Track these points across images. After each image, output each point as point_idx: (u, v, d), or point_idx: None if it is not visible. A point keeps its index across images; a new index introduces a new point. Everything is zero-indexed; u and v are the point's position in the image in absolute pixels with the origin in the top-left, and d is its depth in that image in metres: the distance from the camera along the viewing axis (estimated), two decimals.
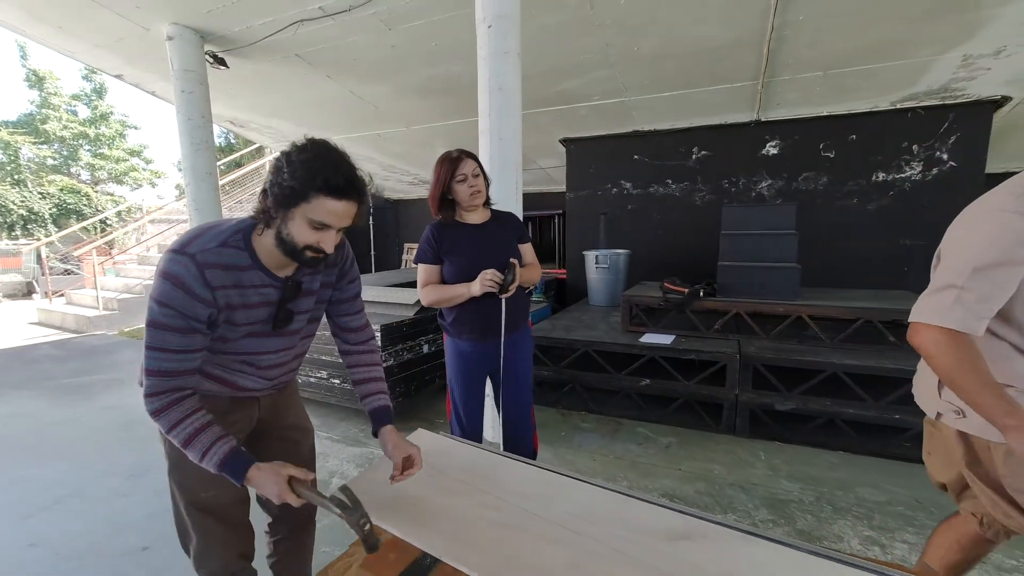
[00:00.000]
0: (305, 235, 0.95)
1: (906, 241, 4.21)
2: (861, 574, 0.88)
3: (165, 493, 2.35)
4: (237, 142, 15.26)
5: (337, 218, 0.94)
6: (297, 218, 0.94)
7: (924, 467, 2.53)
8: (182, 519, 1.16)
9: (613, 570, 0.90)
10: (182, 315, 0.93)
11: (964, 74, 3.66)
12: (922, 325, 1.06)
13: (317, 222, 0.93)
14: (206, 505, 1.12)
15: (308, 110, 5.48)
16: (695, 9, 3.21)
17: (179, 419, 0.96)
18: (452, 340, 1.92)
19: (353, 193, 0.94)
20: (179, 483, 1.13)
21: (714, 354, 2.92)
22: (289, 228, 0.95)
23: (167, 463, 1.13)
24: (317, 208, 0.92)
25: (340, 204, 0.93)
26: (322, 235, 0.95)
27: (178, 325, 0.94)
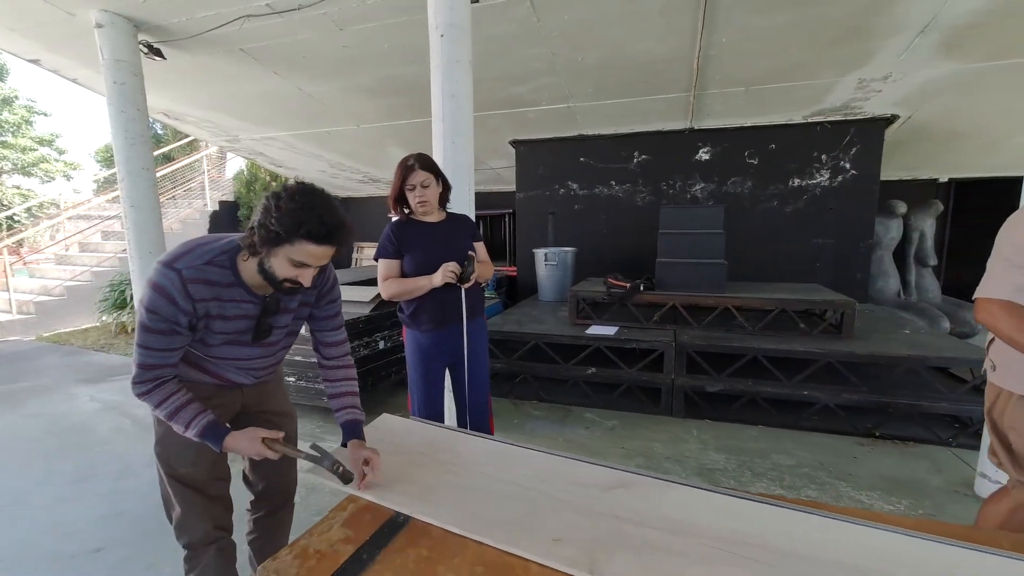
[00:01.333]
0: (285, 270, 1.06)
1: (817, 240, 4.73)
2: (752, 504, 1.10)
3: (113, 496, 2.31)
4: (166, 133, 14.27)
5: (316, 259, 1.06)
6: (280, 256, 1.05)
7: (827, 435, 2.92)
8: (166, 489, 1.25)
9: (561, 515, 1.07)
10: (165, 320, 1.06)
11: (860, 95, 4.18)
12: (983, 300, 1.35)
13: (297, 262, 1.05)
14: (185, 478, 1.23)
15: (252, 105, 5.33)
16: (634, 26, 3.47)
17: (163, 398, 1.10)
18: (412, 332, 2.03)
19: (333, 240, 1.05)
20: (162, 457, 1.23)
21: (653, 343, 3.20)
22: (271, 262, 1.06)
23: (154, 439, 1.23)
24: (298, 251, 1.03)
25: (320, 249, 1.04)
26: (301, 272, 1.07)
27: (161, 328, 1.06)
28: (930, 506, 2.16)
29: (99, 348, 5.40)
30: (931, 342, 3.10)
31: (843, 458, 2.61)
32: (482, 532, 1.00)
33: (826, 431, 2.90)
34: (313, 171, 7.93)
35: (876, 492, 2.27)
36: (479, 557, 0.95)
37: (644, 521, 1.05)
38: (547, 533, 1.01)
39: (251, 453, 1.13)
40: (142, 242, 3.90)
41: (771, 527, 1.03)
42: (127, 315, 5.93)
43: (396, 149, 6.54)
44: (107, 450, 2.87)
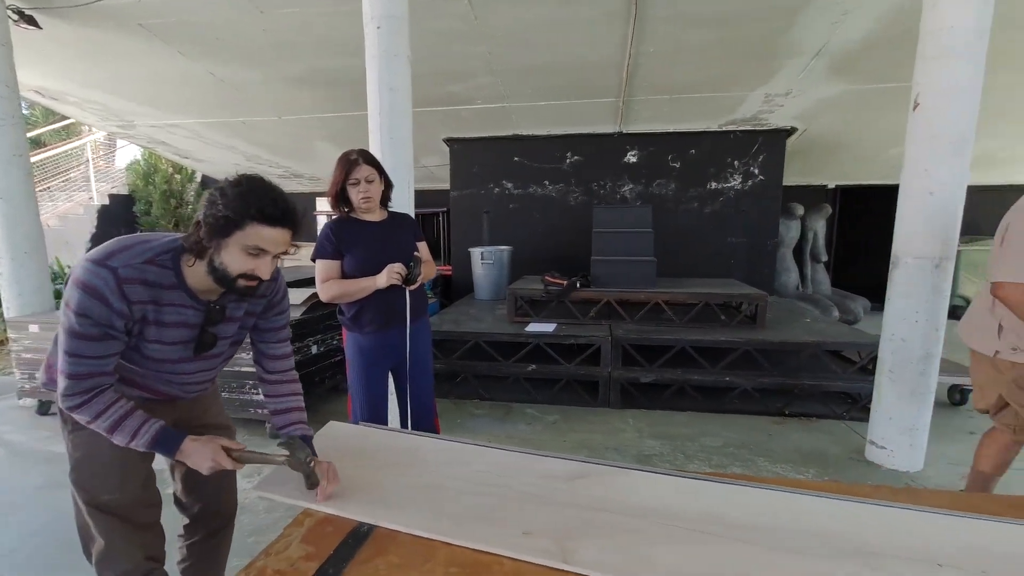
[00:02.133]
0: (239, 263, 0.97)
1: (731, 239, 5.17)
2: (705, 484, 1.18)
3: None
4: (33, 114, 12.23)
5: (272, 245, 0.98)
6: (231, 247, 0.96)
7: (746, 416, 3.18)
8: (84, 522, 1.09)
9: (528, 507, 1.07)
10: (98, 324, 0.93)
11: (766, 108, 4.63)
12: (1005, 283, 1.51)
13: (252, 247, 0.96)
14: (109, 506, 1.08)
15: (153, 88, 4.78)
16: (569, 32, 3.57)
17: (102, 409, 0.97)
18: (353, 335, 1.94)
19: (287, 222, 0.98)
20: (79, 484, 1.07)
21: (590, 338, 3.32)
22: (223, 257, 0.97)
23: (69, 464, 1.08)
24: (252, 235, 0.95)
25: (275, 232, 0.97)
26: (257, 262, 0.98)
27: (94, 333, 0.94)
28: (833, 472, 2.45)
29: None
30: (827, 329, 3.51)
31: (760, 436, 2.88)
32: (451, 533, 0.98)
33: (745, 412, 3.17)
34: (226, 164, 7.30)
35: (789, 464, 2.53)
36: (451, 558, 0.93)
37: (608, 507, 1.09)
38: (516, 527, 1.01)
39: (205, 462, 1.01)
40: (15, 239, 3.37)
41: (725, 503, 1.10)
42: None
43: (323, 144, 6.21)
44: None
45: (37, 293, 3.42)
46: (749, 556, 0.92)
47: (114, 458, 1.06)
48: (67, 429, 1.08)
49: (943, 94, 2.23)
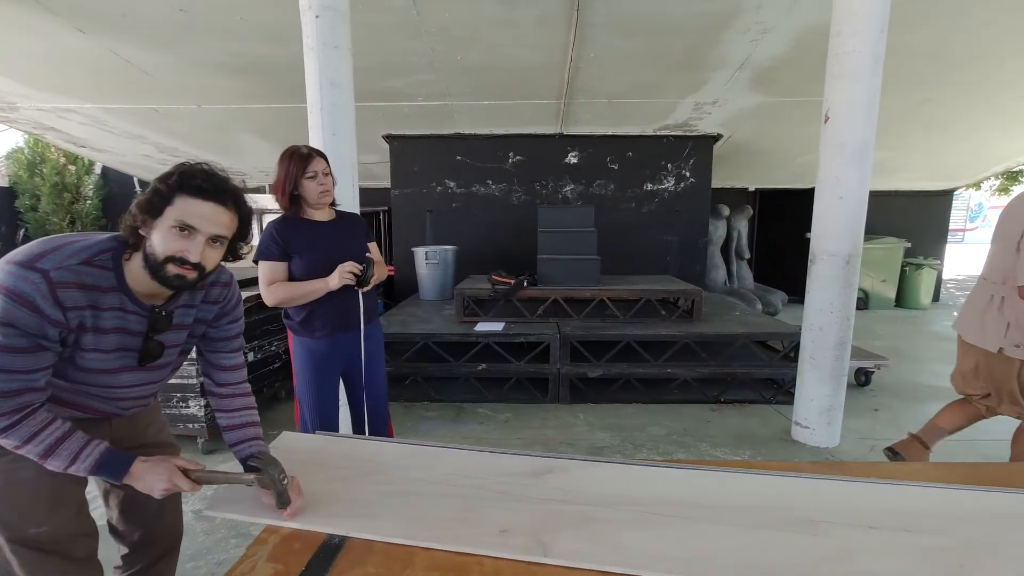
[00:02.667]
0: (168, 243, 0.88)
1: (667, 237, 5.46)
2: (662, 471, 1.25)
3: None
4: None
5: (203, 221, 0.89)
6: (160, 227, 0.88)
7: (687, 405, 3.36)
8: (5, 560, 0.93)
9: (500, 505, 1.08)
10: (27, 335, 0.82)
11: (695, 115, 4.94)
12: None
13: (180, 223, 0.88)
14: (39, 541, 0.94)
15: (39, 65, 4.19)
16: (512, 32, 3.60)
17: (35, 431, 0.85)
18: (302, 340, 1.85)
19: (221, 197, 0.91)
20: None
21: (539, 336, 3.37)
22: (153, 240, 0.88)
23: None
24: (180, 209, 0.88)
25: (206, 205, 0.89)
26: (187, 243, 0.89)
27: (22, 345, 0.82)
28: (765, 452, 2.67)
29: None
30: (754, 320, 3.81)
31: (700, 423, 3.07)
32: (427, 537, 0.96)
33: (685, 402, 3.37)
34: (133, 155, 6.60)
35: (727, 447, 2.73)
36: (431, 563, 0.91)
37: (577, 499, 1.12)
38: (492, 526, 1.01)
39: (159, 485, 0.91)
40: None
41: (680, 487, 1.17)
42: None
43: (248, 136, 5.81)
44: None
45: None
46: (711, 533, 0.99)
47: (41, 485, 0.93)
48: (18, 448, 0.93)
49: (849, 109, 2.50)
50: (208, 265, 0.92)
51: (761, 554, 0.93)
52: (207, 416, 2.59)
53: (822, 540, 0.98)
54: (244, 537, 1.94)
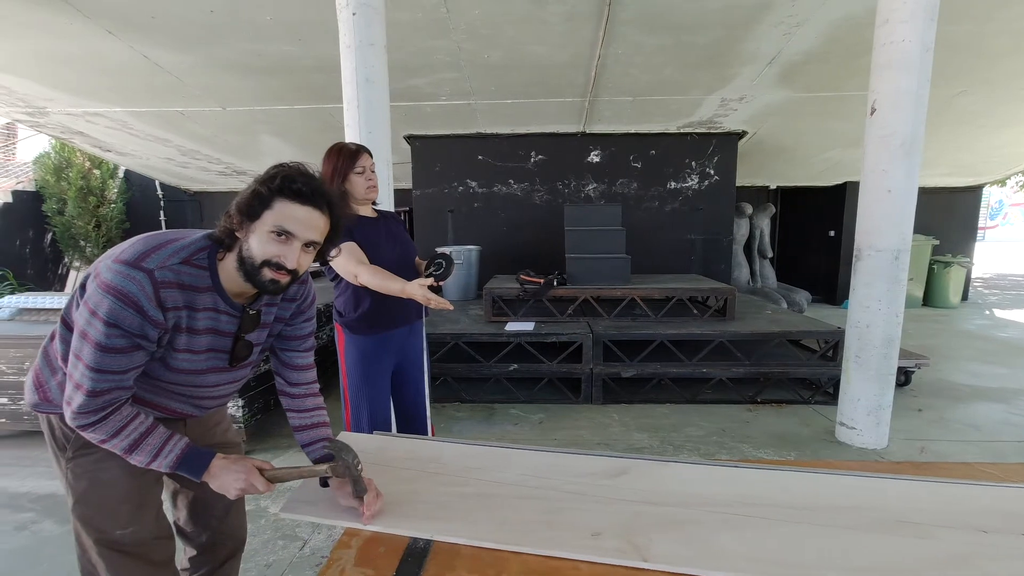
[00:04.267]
0: (265, 247, 0.87)
1: (690, 236, 5.40)
2: (736, 470, 1.20)
3: None
4: None
5: (300, 225, 0.88)
6: (259, 231, 0.87)
7: (722, 406, 3.30)
8: (90, 563, 0.92)
9: (582, 507, 1.04)
10: (128, 335, 0.81)
11: (721, 112, 4.87)
12: None
13: (279, 228, 0.86)
14: (123, 544, 0.92)
15: (70, 69, 4.23)
16: (539, 29, 3.57)
17: (121, 426, 0.84)
18: (355, 338, 1.82)
19: (317, 200, 0.89)
20: (86, 520, 0.91)
21: (571, 335, 3.32)
22: (250, 243, 0.87)
23: (70, 498, 0.91)
24: (279, 214, 0.87)
25: (303, 210, 0.88)
26: (284, 248, 0.87)
27: (121, 345, 0.81)
28: (809, 453, 2.60)
29: None
30: (788, 319, 3.74)
31: (737, 423, 3.01)
32: (516, 541, 0.93)
33: (720, 402, 3.31)
34: (157, 158, 6.67)
35: (770, 448, 2.66)
36: (524, 567, 0.87)
37: (658, 500, 1.07)
38: (581, 529, 0.97)
39: (236, 484, 0.89)
40: None
41: (757, 487, 1.12)
42: None
43: (269, 138, 5.84)
44: None
45: None
46: (806, 535, 0.94)
47: (125, 486, 0.91)
48: (65, 457, 0.91)
49: (896, 100, 2.43)
50: (301, 270, 0.91)
51: (868, 557, 0.88)
52: (245, 417, 2.58)
53: (929, 544, 0.93)
54: (290, 539, 1.91)
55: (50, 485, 2.34)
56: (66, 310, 0.89)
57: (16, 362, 2.66)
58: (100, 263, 0.84)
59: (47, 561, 1.81)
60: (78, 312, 0.82)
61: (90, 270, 0.84)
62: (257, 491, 0.91)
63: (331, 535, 1.93)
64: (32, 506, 2.19)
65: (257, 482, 0.91)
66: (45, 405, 0.92)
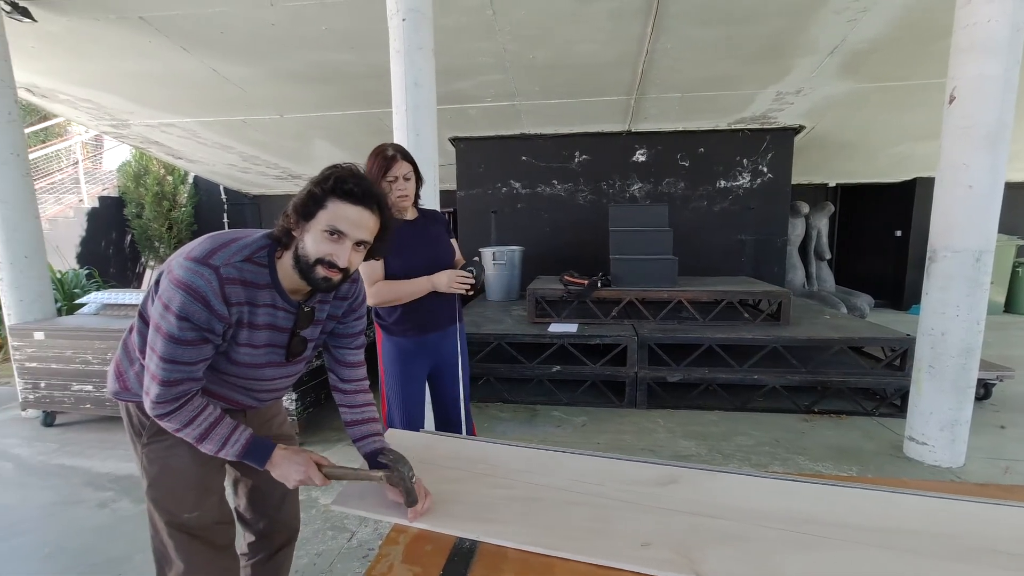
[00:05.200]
0: (319, 246, 0.90)
1: (741, 236, 5.18)
2: (802, 485, 1.13)
3: (6, 562, 1.86)
4: None
5: (352, 226, 0.91)
6: (313, 230, 0.91)
7: (774, 415, 3.15)
8: (161, 543, 1.00)
9: (631, 516, 1.01)
10: (197, 329, 0.87)
11: (776, 106, 4.64)
12: None
13: (332, 228, 0.90)
14: (189, 527, 0.99)
15: (149, 84, 4.60)
16: (585, 27, 3.53)
17: (193, 416, 0.91)
18: (393, 339, 1.86)
19: (369, 201, 0.93)
20: (158, 503, 0.99)
21: (615, 338, 3.26)
22: (305, 242, 0.91)
23: (144, 481, 0.98)
24: (332, 214, 0.90)
25: (354, 210, 0.91)
26: (336, 247, 0.91)
27: (191, 338, 0.87)
28: (874, 469, 2.43)
29: None
30: (849, 324, 3.51)
31: (792, 434, 2.85)
32: (563, 547, 0.91)
33: (773, 411, 3.15)
34: (220, 164, 7.12)
35: (828, 462, 2.50)
36: (571, 574, 0.86)
37: (712, 512, 1.03)
38: (630, 538, 0.94)
39: (295, 475, 0.94)
40: (14, 244, 3.22)
41: (818, 503, 1.06)
42: None
43: (322, 143, 6.09)
44: None
45: (38, 300, 3.26)
46: (878, 560, 0.87)
47: (193, 472, 0.97)
48: (140, 442, 0.99)
49: (980, 87, 2.23)
50: (352, 268, 0.94)
51: None
52: (298, 411, 2.70)
53: None
54: (339, 530, 1.98)
55: (128, 467, 2.54)
56: (143, 305, 0.96)
57: (100, 353, 2.91)
58: (172, 260, 0.90)
59: (123, 538, 1.96)
60: (153, 307, 0.89)
61: (163, 267, 0.91)
62: (314, 484, 0.94)
63: (377, 529, 1.98)
64: (112, 486, 2.38)
65: (315, 476, 0.95)
66: (124, 393, 1.00)
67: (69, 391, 2.99)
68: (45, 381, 3.02)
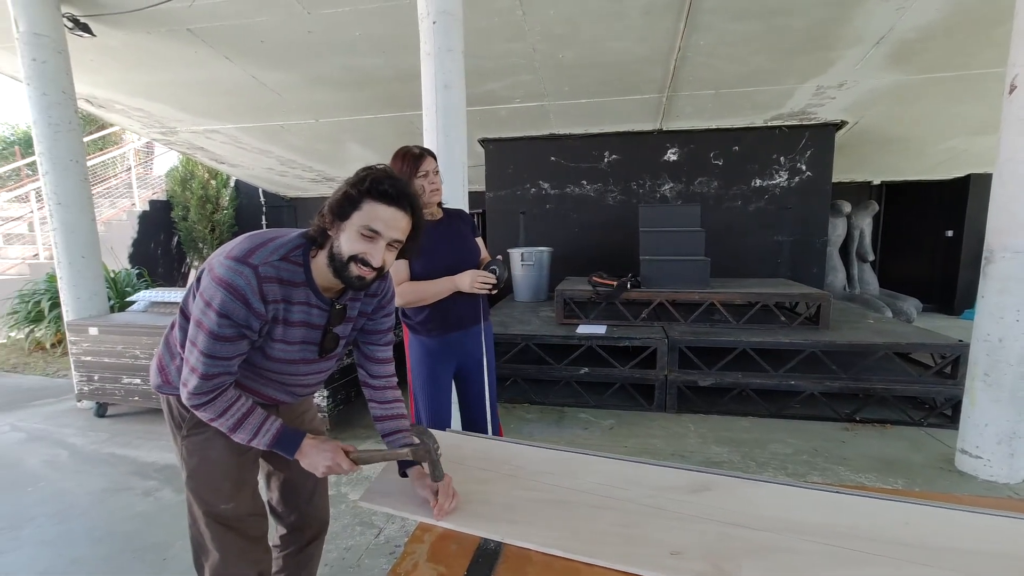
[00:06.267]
0: (354, 244, 0.93)
1: (777, 237, 5.00)
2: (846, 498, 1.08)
3: (60, 543, 1.98)
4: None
5: (385, 225, 0.93)
6: (348, 229, 0.93)
7: (812, 422, 3.03)
8: (199, 533, 1.04)
9: (660, 523, 0.98)
10: (236, 325, 0.90)
11: (816, 101, 4.46)
12: None
13: (366, 228, 0.92)
14: (225, 517, 1.03)
15: (193, 93, 4.83)
16: (617, 24, 3.48)
17: (227, 406, 0.95)
18: (419, 338, 1.87)
19: (403, 202, 0.95)
20: (196, 493, 1.03)
21: (646, 340, 3.20)
22: (340, 241, 0.94)
23: (184, 472, 1.02)
24: (367, 214, 0.92)
25: (388, 210, 0.93)
26: (370, 245, 0.93)
27: (230, 334, 0.91)
28: (922, 482, 2.29)
29: (11, 369, 4.69)
30: (895, 329, 3.33)
31: (832, 443, 2.73)
32: (589, 552, 0.90)
33: (810, 418, 3.02)
34: (259, 168, 7.39)
35: (872, 474, 2.38)
36: None
37: (746, 522, 0.99)
38: (659, 546, 0.92)
39: (323, 463, 0.97)
40: (72, 245, 3.43)
41: (871, 519, 1.00)
42: (44, 329, 5.20)
43: (354, 146, 6.22)
44: (41, 488, 2.45)
45: (93, 298, 3.47)
46: None
47: (229, 464, 1.01)
48: (180, 435, 1.03)
49: None
50: (386, 267, 0.96)
51: None
52: (330, 407, 2.77)
53: None
54: (367, 526, 2.02)
55: (171, 457, 2.66)
56: (184, 302, 1.00)
57: (148, 348, 3.06)
58: (213, 259, 0.93)
59: (165, 526, 2.06)
60: (195, 303, 0.92)
61: (204, 265, 0.94)
62: (342, 470, 0.97)
63: (404, 526, 2.01)
64: (156, 475, 2.50)
65: (343, 461, 0.97)
66: (166, 387, 1.04)
67: (119, 384, 3.16)
68: (98, 374, 3.20)
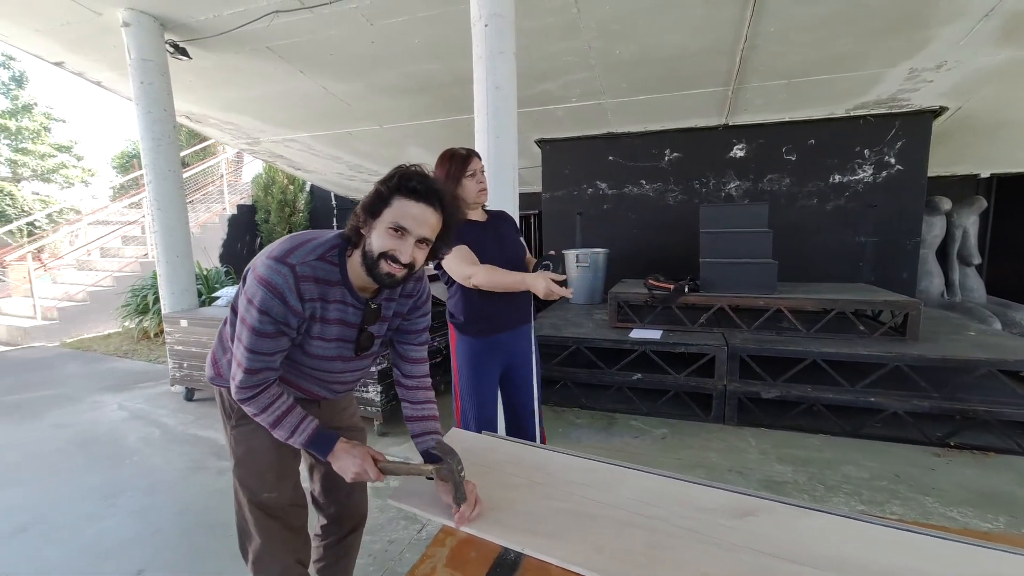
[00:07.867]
0: (383, 241, 0.95)
1: (860, 238, 4.55)
2: (909, 536, 0.95)
3: (147, 513, 2.20)
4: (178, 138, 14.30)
5: (415, 222, 0.95)
6: (379, 227, 0.96)
7: (895, 445, 2.74)
8: (244, 518, 1.12)
9: (693, 547, 0.92)
10: (276, 322, 0.95)
11: (909, 86, 4.01)
12: None
13: (395, 224, 0.94)
14: (267, 506, 1.10)
15: (275, 106, 5.25)
16: (675, 17, 3.33)
17: (268, 403, 1.00)
18: (467, 339, 1.89)
19: (431, 198, 0.96)
20: (243, 481, 1.11)
21: (702, 347, 3.04)
22: (371, 239, 0.96)
23: (231, 460, 1.11)
24: (396, 211, 0.95)
25: (417, 207, 0.95)
26: (399, 242, 0.95)
27: (271, 331, 0.96)
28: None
29: (122, 354, 5.33)
30: (1003, 343, 2.91)
31: (919, 469, 2.44)
32: (611, 571, 0.86)
33: (892, 439, 2.72)
34: (331, 173, 7.86)
35: (968, 508, 2.10)
36: None
37: (793, 556, 0.90)
38: (687, 571, 0.86)
39: (353, 468, 1.00)
40: (169, 244, 3.84)
41: (945, 564, 0.88)
42: (149, 320, 5.87)
43: (416, 150, 6.44)
44: (135, 462, 2.76)
45: (185, 293, 3.87)
46: None
47: (272, 455, 1.08)
48: (230, 424, 1.11)
49: None
50: (416, 265, 0.98)
51: None
52: (383, 402, 2.88)
53: None
54: (410, 520, 2.07)
55: None
56: (234, 299, 1.08)
57: None
58: (257, 259, 0.99)
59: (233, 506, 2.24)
60: (240, 301, 0.99)
61: (250, 265, 1.01)
62: (369, 478, 0.99)
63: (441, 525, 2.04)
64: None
65: (370, 469, 1.00)
66: (218, 379, 1.13)
67: (203, 372, 3.49)
68: (187, 362, 3.55)
